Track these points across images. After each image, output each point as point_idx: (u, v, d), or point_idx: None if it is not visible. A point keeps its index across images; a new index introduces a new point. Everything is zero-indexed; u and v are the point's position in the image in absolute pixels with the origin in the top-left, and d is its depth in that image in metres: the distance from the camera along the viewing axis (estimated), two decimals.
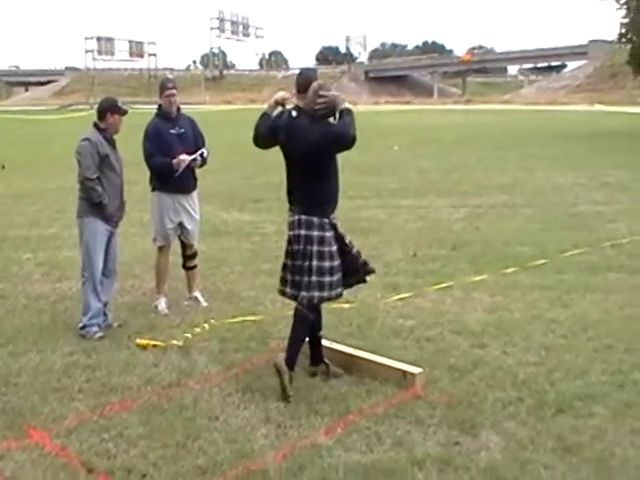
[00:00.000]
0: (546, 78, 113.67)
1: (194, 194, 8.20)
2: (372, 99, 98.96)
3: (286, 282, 6.06)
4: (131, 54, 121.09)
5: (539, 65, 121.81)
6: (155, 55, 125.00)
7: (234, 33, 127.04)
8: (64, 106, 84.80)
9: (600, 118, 44.35)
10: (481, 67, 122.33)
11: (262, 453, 4.89)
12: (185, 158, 7.74)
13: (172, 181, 7.80)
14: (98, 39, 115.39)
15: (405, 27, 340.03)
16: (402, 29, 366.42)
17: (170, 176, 7.76)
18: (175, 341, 6.99)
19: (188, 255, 8.34)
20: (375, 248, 10.85)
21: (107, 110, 7.30)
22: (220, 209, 14.49)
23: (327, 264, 5.78)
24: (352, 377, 6.11)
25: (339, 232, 5.94)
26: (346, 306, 7.88)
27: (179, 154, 7.74)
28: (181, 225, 8.07)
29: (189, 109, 10.18)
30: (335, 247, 5.85)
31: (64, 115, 56.14)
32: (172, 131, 7.89)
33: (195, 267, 8.42)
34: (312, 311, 5.92)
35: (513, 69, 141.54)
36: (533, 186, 17.55)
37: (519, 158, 23.93)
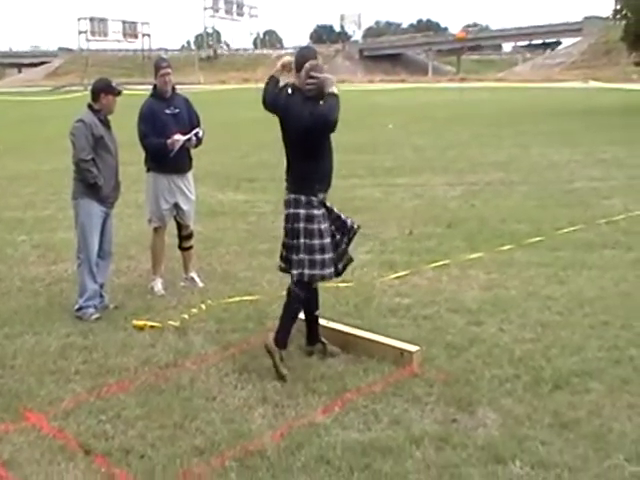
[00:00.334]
0: (541, 55, 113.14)
1: (189, 174, 8.17)
2: (367, 77, 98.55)
3: (282, 259, 6.12)
4: (125, 35, 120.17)
5: (534, 42, 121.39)
6: (149, 36, 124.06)
7: (228, 12, 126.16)
8: (57, 87, 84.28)
9: (595, 95, 44.22)
10: (476, 45, 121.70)
11: (260, 433, 4.90)
12: (180, 138, 7.70)
13: (167, 162, 7.77)
14: (91, 20, 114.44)
15: (399, 5, 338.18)
16: (396, 7, 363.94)
17: (165, 156, 7.72)
18: (172, 322, 6.99)
19: (184, 236, 8.32)
20: (371, 227, 10.84)
21: (101, 91, 7.26)
22: (215, 189, 14.45)
23: (317, 241, 5.76)
24: (349, 356, 6.12)
25: (333, 212, 5.93)
26: (342, 285, 7.88)
27: (174, 134, 7.71)
28: (177, 206, 8.05)
29: (184, 89, 10.11)
30: (325, 225, 5.82)
31: (58, 96, 55.85)
32: (167, 111, 7.85)
33: (191, 248, 8.40)
34: (303, 289, 5.91)
35: (508, 46, 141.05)
36: (528, 163, 17.52)
37: (514, 135, 23.87)
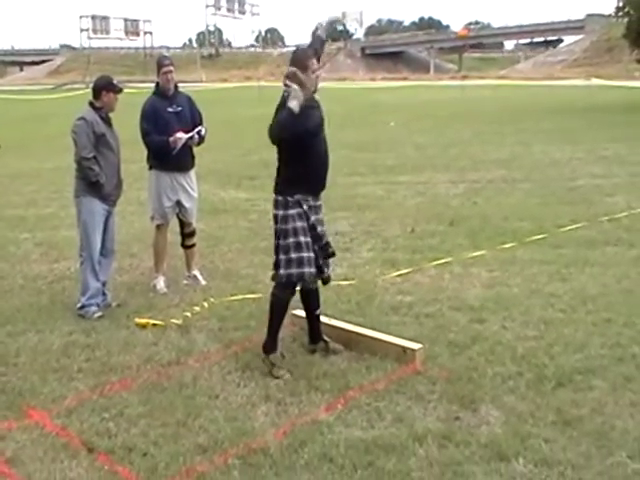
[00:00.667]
0: (542, 53, 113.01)
1: (192, 172, 8.17)
2: (368, 75, 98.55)
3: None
4: (126, 32, 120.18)
5: (536, 40, 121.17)
6: (151, 33, 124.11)
7: (230, 10, 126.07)
8: (59, 85, 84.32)
9: (597, 92, 44.11)
10: (477, 42, 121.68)
11: (262, 431, 4.90)
12: (182, 136, 7.70)
13: (170, 159, 7.76)
14: (93, 17, 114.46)
15: (401, 3, 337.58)
16: (398, 5, 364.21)
17: (167, 154, 7.72)
18: (174, 320, 6.98)
19: (186, 233, 8.32)
20: (373, 224, 10.86)
21: (102, 88, 7.25)
22: (217, 187, 14.44)
23: (291, 240, 5.68)
24: (352, 353, 6.11)
25: (311, 213, 5.77)
26: (345, 283, 7.89)
27: (176, 132, 7.70)
28: (179, 203, 8.05)
29: (185, 87, 10.11)
30: (301, 223, 5.70)
31: (60, 94, 55.82)
32: (169, 109, 7.84)
33: (194, 245, 8.40)
34: (282, 291, 5.85)
35: (510, 44, 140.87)
36: (531, 160, 17.49)
37: (516, 133, 23.82)
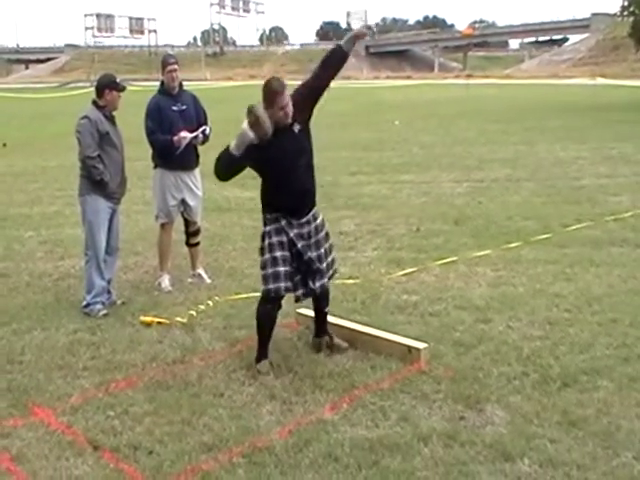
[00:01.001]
0: (548, 52, 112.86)
1: (196, 171, 8.17)
2: (372, 74, 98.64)
3: None
4: (131, 31, 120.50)
5: (541, 39, 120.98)
6: (155, 32, 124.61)
7: (234, 9, 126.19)
8: (64, 84, 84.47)
9: (602, 91, 44.09)
10: (482, 41, 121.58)
11: (267, 429, 4.89)
12: (186, 135, 7.70)
13: (174, 158, 7.77)
14: (98, 16, 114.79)
15: (406, 2, 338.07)
16: (403, 4, 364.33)
17: (172, 153, 7.73)
18: (179, 318, 6.99)
19: (191, 232, 8.32)
20: (378, 223, 10.86)
21: (105, 87, 7.24)
22: (221, 186, 14.39)
23: (267, 256, 5.73)
24: (357, 352, 6.10)
25: (290, 228, 5.76)
26: (350, 282, 7.88)
27: (180, 131, 7.70)
28: (184, 202, 8.06)
29: (190, 85, 10.09)
30: (277, 239, 5.71)
31: (64, 93, 55.89)
32: (174, 108, 7.84)
33: (198, 244, 8.41)
34: (264, 305, 5.83)
35: (515, 43, 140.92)
36: (535, 160, 17.45)
37: (521, 132, 23.79)
